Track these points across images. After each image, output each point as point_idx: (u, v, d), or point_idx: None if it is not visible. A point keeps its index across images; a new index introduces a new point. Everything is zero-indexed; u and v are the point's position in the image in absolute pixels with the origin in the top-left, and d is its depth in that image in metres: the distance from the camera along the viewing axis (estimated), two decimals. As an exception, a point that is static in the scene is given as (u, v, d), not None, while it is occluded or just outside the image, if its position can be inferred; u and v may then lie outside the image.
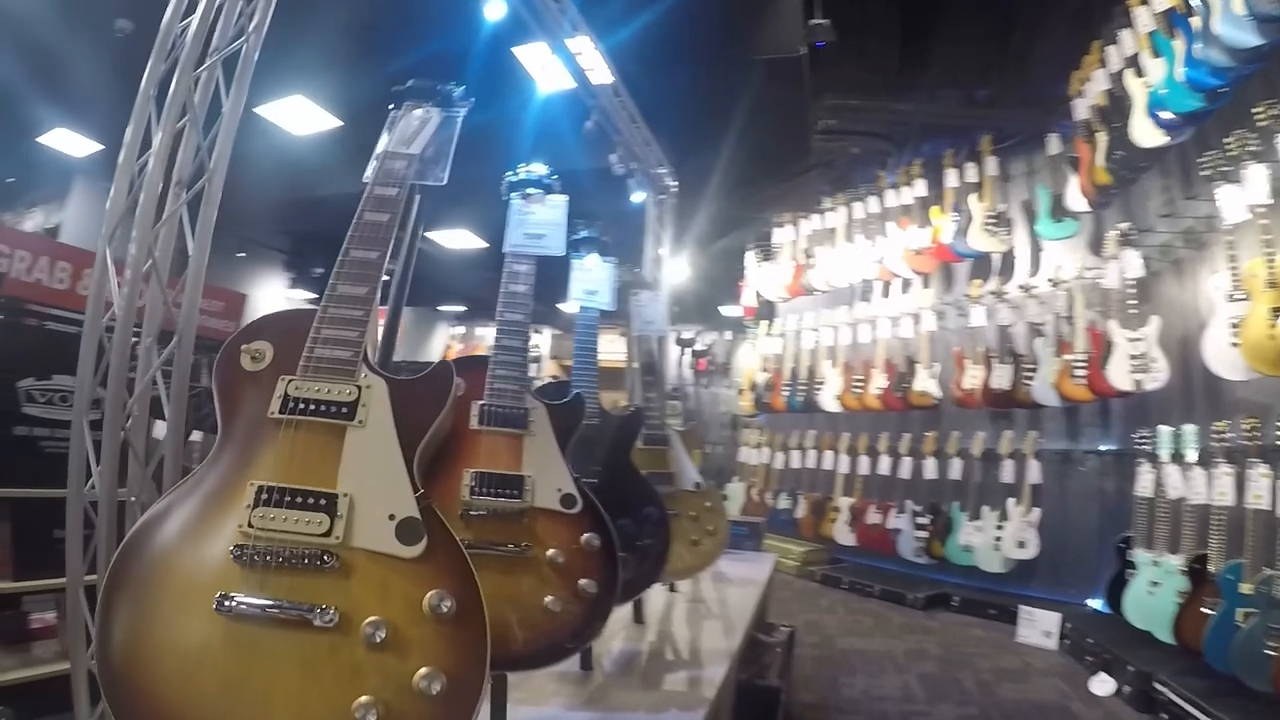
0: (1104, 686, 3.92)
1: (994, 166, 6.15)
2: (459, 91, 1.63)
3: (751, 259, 8.63)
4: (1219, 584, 3.51)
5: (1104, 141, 4.72)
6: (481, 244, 9.93)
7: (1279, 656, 3.14)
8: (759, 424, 8.50)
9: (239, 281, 9.94)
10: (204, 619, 0.98)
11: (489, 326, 12.27)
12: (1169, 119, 4.06)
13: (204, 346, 1.96)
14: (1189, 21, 3.91)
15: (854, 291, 7.44)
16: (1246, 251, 3.73)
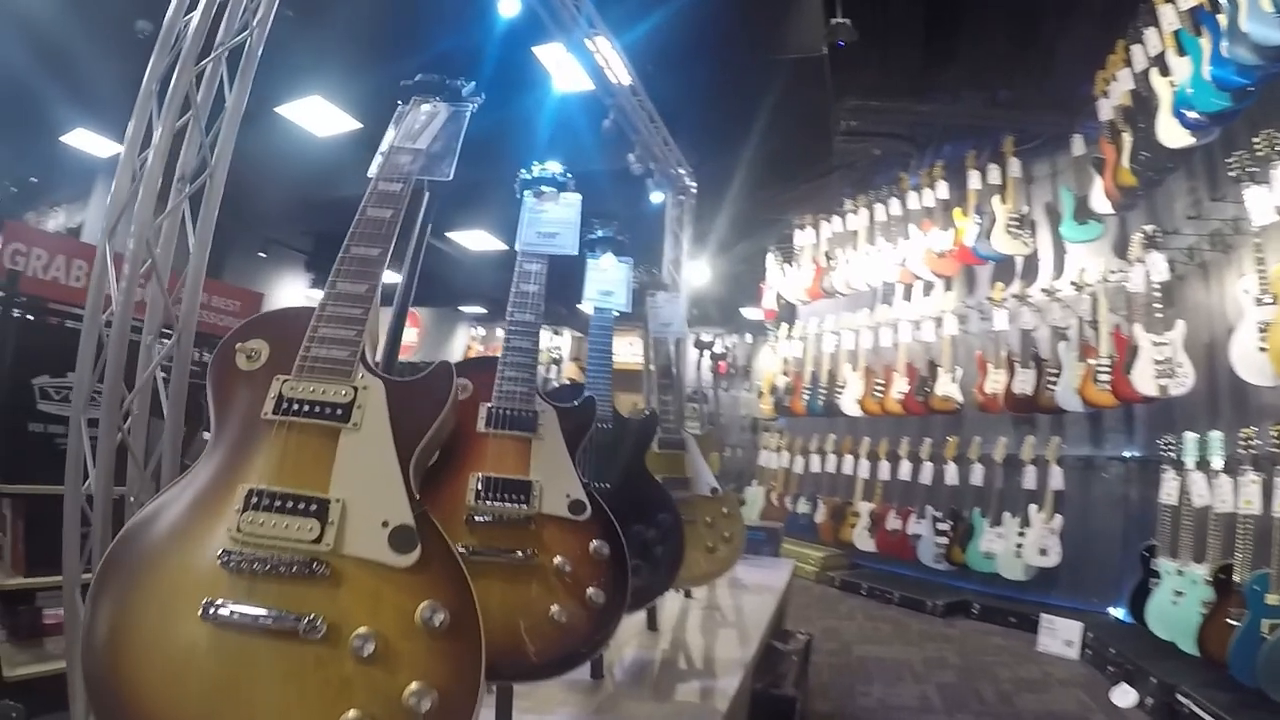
0: (1126, 698, 3.85)
1: (1017, 168, 6.08)
2: (468, 87, 1.60)
3: (772, 261, 8.58)
4: (1245, 594, 3.43)
5: (1129, 142, 4.65)
6: (501, 245, 9.97)
7: (1306, 670, 3.07)
8: (779, 427, 8.46)
9: (260, 282, 10.04)
10: (189, 625, 0.95)
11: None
12: (1195, 119, 3.99)
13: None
14: (1216, 19, 3.85)
15: (875, 294, 7.37)
16: (1275, 254, 3.67)
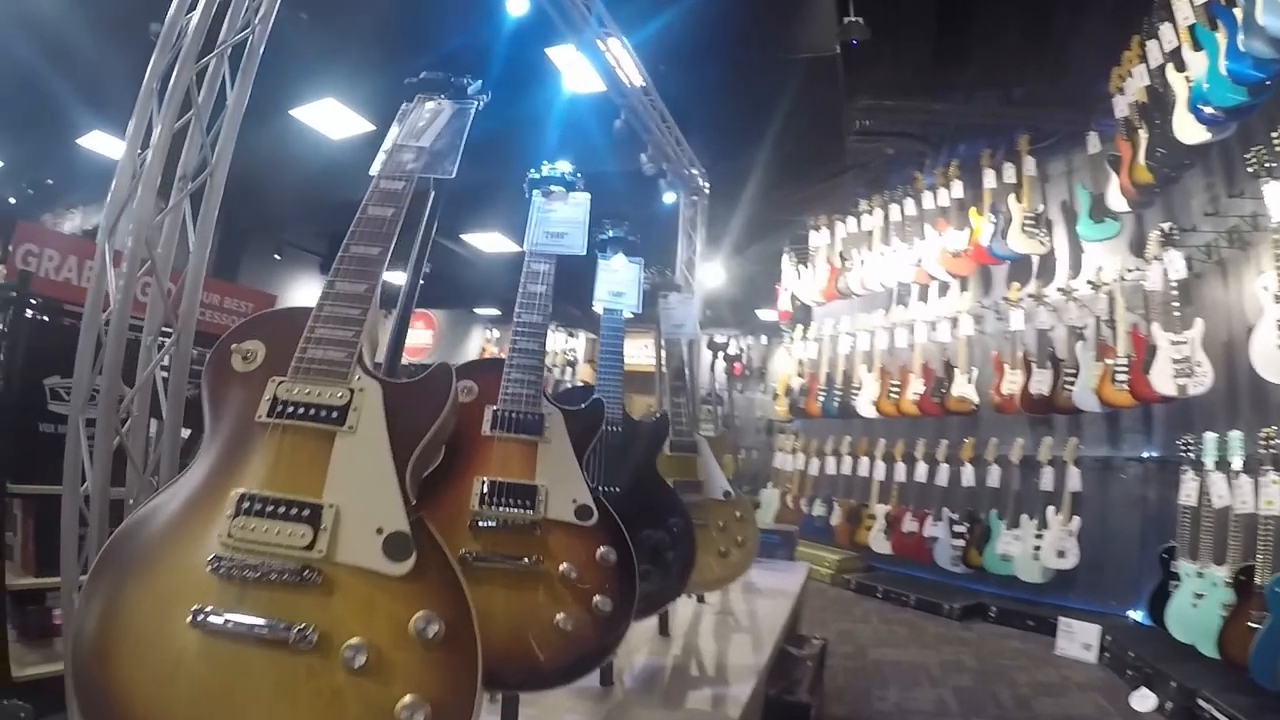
0: (1145, 702, 3.79)
1: (1032, 166, 6.04)
2: (474, 85, 1.58)
3: (787, 262, 8.57)
4: (1266, 597, 3.38)
5: (1145, 139, 4.60)
6: (515, 247, 9.99)
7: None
8: (794, 429, 8.42)
9: (276, 284, 10.11)
10: (179, 632, 0.94)
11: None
12: (1212, 114, 3.94)
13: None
14: (1231, 13, 3.79)
15: (891, 295, 7.34)
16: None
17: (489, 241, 10.20)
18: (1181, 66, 4.25)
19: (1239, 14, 3.69)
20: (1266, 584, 3.41)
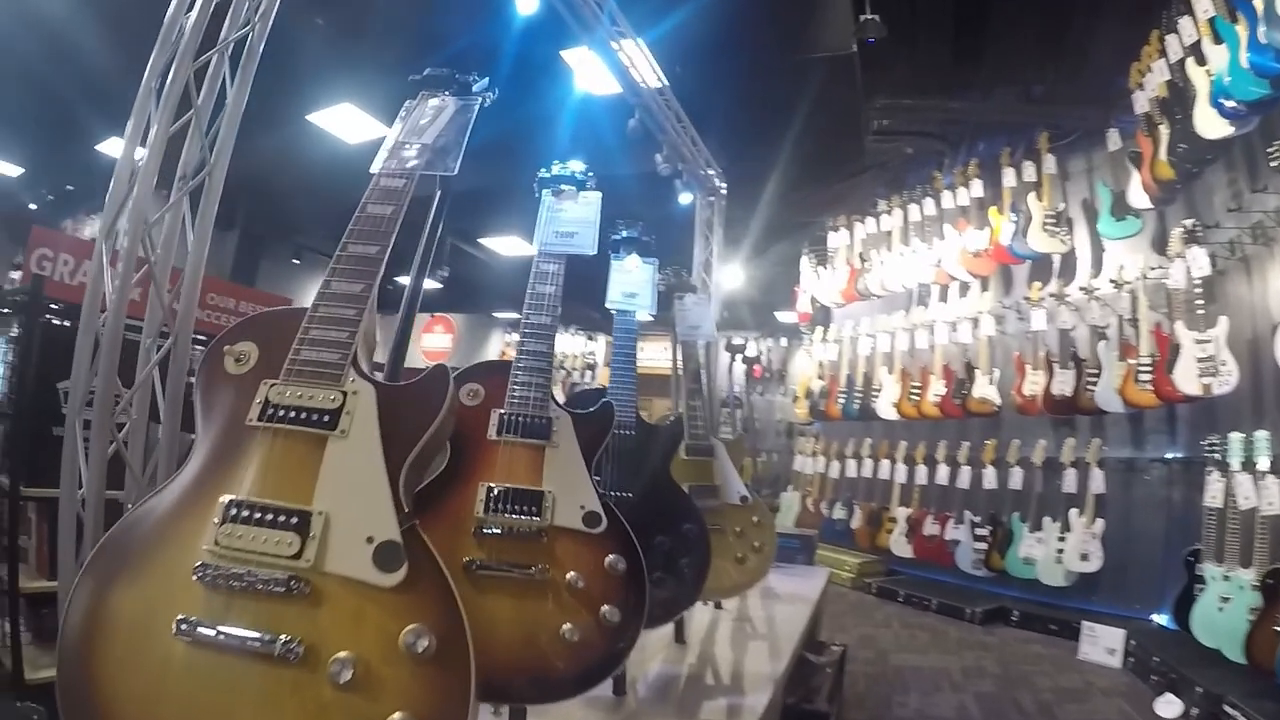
0: (1170, 708, 3.73)
1: (1052, 164, 5.97)
2: (480, 83, 1.53)
3: (806, 264, 8.51)
4: (1293, 600, 3.32)
5: (1166, 134, 4.55)
6: (534, 251, 10.01)
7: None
8: (815, 432, 8.37)
9: (294, 288, 10.18)
10: (163, 641, 0.91)
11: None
12: (1234, 108, 3.89)
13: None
14: (1252, 4, 3.74)
15: (911, 296, 7.29)
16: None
17: (507, 245, 10.23)
18: (1202, 60, 4.19)
19: (1259, 5, 3.64)
20: (1294, 587, 3.35)
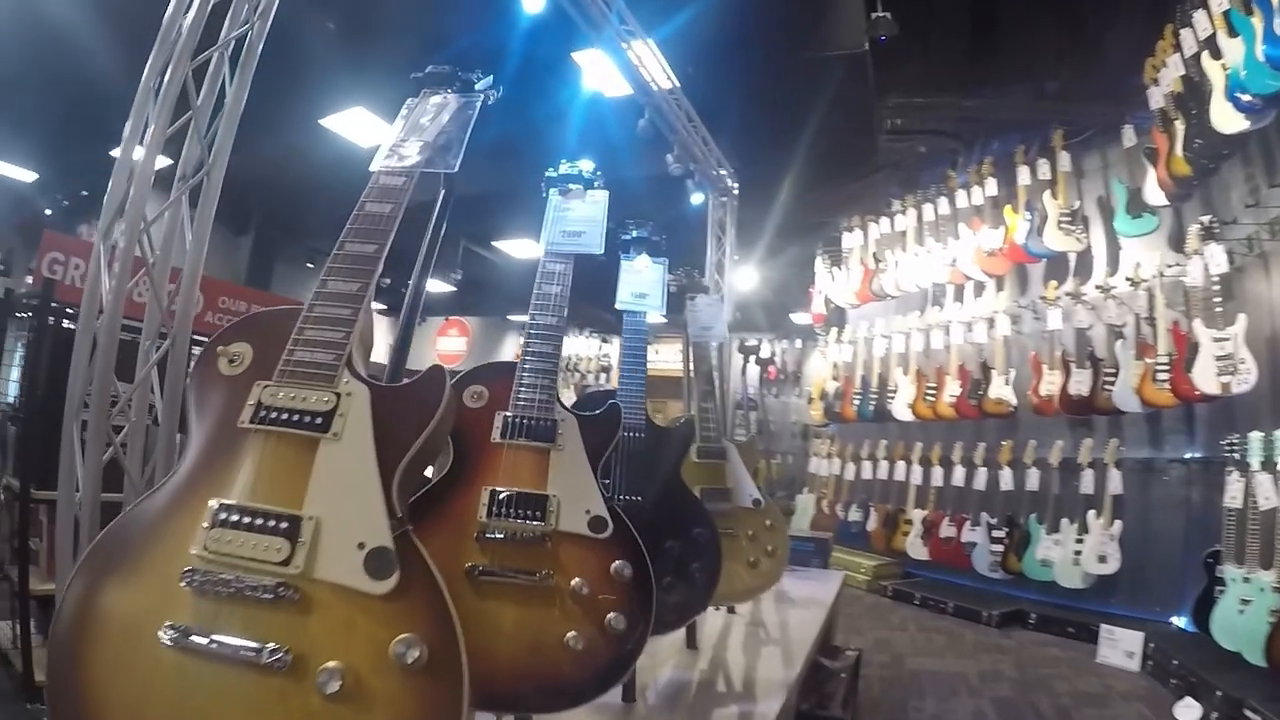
0: (1190, 713, 3.67)
1: (1067, 162, 5.90)
2: (483, 80, 1.53)
3: (820, 265, 8.48)
4: (1315, 603, 3.27)
5: (1182, 130, 4.49)
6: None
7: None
8: (830, 434, 8.32)
9: (308, 292, 10.20)
10: (150, 648, 0.90)
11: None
12: (1250, 102, 3.84)
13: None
14: (1268, -4, 3.69)
15: (926, 296, 7.23)
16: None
17: (521, 248, 10.25)
18: (1217, 54, 4.14)
19: (1275, -3, 3.60)
20: (1316, 589, 3.30)
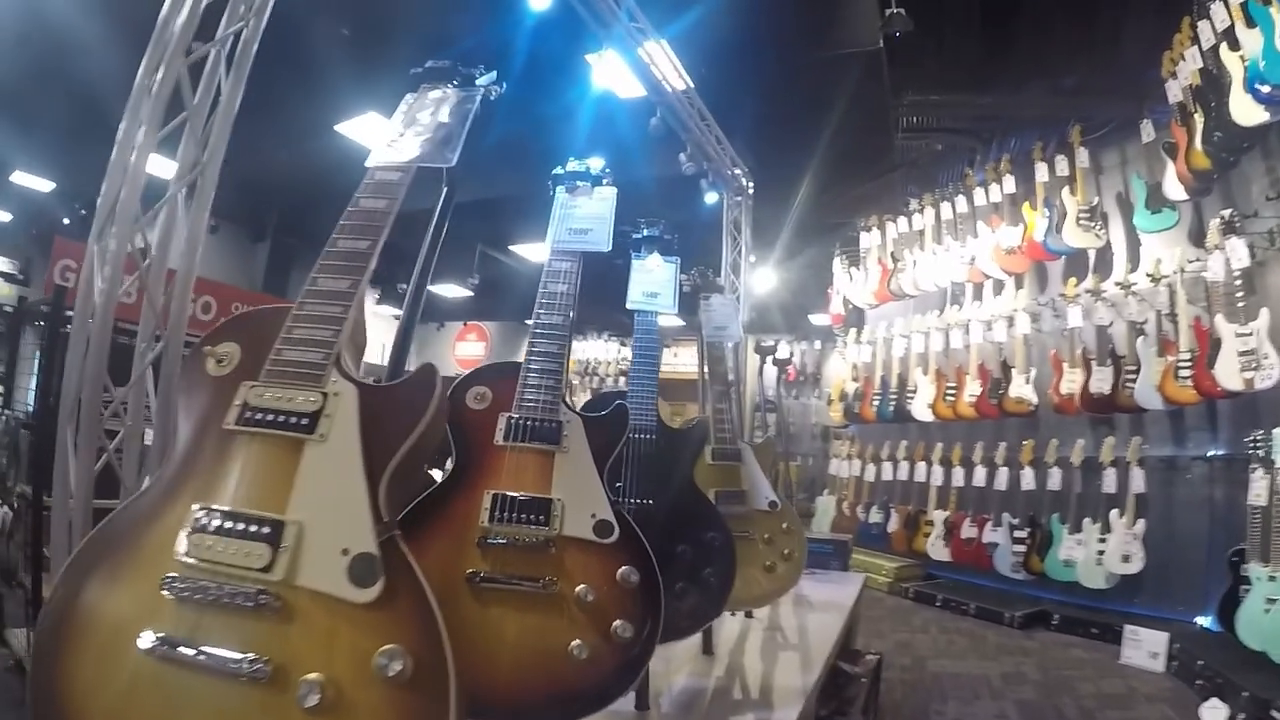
0: (1216, 714, 3.60)
1: (1085, 158, 5.83)
2: (485, 76, 1.50)
3: (838, 265, 8.45)
4: (1342, 602, 3.21)
5: (1201, 123, 4.43)
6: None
7: None
8: (850, 435, 8.27)
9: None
10: (130, 656, 0.89)
11: (578, 340, 12.35)
12: (1270, 93, 3.80)
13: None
14: (1286, -15, 3.64)
15: (945, 295, 7.18)
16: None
17: (539, 252, 10.22)
18: (1235, 45, 4.09)
19: (1294, -14, 3.54)
20: (1342, 588, 3.24)
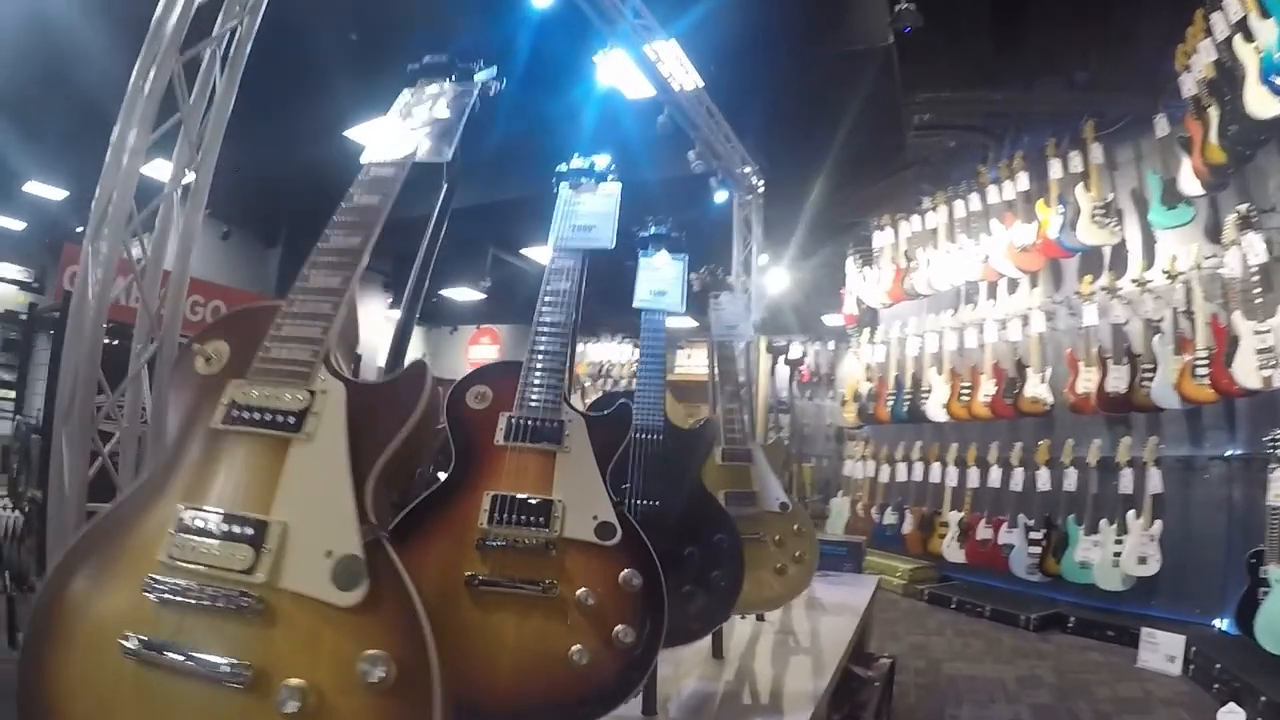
0: (1233, 719, 3.55)
1: (1099, 154, 5.77)
2: (485, 71, 1.48)
3: (851, 265, 8.40)
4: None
5: (1216, 117, 4.37)
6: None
7: None
8: (864, 436, 8.23)
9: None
10: (111, 659, 0.88)
11: (591, 342, 12.35)
12: (1285, 85, 3.72)
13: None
14: (1301, -26, 3.59)
15: (958, 294, 7.12)
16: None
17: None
18: (1250, 37, 4.04)
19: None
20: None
